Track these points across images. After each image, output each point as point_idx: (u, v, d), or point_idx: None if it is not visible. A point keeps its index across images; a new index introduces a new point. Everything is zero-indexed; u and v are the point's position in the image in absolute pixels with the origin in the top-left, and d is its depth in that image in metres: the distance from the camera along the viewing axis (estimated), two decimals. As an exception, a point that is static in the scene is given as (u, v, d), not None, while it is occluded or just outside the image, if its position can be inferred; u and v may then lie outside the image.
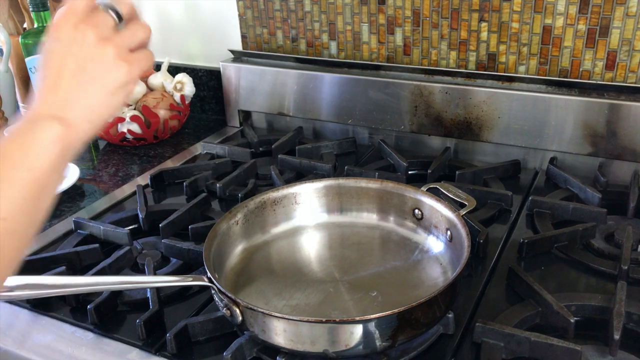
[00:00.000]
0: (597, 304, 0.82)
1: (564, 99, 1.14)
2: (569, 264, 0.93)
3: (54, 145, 0.61)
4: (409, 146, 1.36)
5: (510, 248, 0.98)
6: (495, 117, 1.20)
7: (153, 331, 0.84)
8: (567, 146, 1.17)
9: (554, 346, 0.73)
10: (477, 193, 1.08)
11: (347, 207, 1.02)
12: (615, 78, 1.14)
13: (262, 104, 1.47)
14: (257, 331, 0.75)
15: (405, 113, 1.29)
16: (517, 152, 1.23)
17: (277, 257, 0.96)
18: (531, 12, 1.16)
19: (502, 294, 0.88)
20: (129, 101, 1.44)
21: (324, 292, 0.85)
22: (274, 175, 1.20)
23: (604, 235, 0.99)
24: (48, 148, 0.61)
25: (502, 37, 1.21)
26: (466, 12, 1.22)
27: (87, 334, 0.86)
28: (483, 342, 0.77)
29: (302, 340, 0.72)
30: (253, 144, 1.39)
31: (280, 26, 1.44)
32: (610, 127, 1.12)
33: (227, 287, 0.85)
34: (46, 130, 0.62)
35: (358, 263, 0.92)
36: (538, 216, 1.04)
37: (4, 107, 1.53)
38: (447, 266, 0.89)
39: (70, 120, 0.63)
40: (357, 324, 0.71)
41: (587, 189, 1.08)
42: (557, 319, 0.78)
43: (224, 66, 1.48)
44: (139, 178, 1.30)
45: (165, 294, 0.90)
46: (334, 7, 1.35)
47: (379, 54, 1.35)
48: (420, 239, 0.96)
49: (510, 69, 1.23)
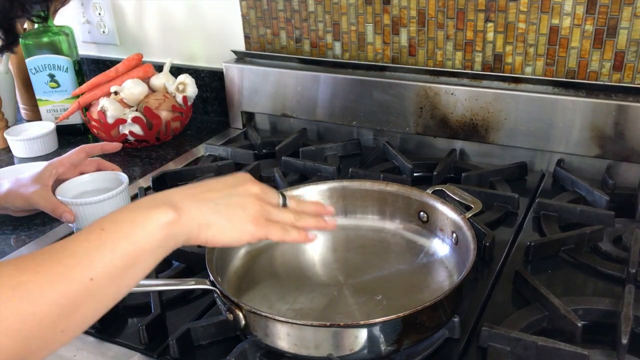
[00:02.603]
0: (605, 307, 0.81)
1: (571, 100, 1.13)
2: (576, 267, 0.93)
3: (162, 229, 0.64)
4: (414, 148, 1.35)
5: (516, 251, 0.97)
6: (502, 118, 1.20)
7: (155, 335, 0.83)
8: (574, 148, 1.16)
9: (561, 350, 0.72)
10: (483, 195, 1.07)
11: (352, 210, 1.02)
12: (623, 79, 1.13)
13: (265, 105, 1.46)
14: (261, 335, 0.74)
15: (411, 114, 1.28)
16: (524, 154, 1.22)
17: (281, 261, 0.96)
18: (538, 12, 1.15)
19: (508, 298, 0.87)
20: (132, 104, 1.44)
21: (328, 296, 0.85)
22: (277, 177, 1.20)
23: (612, 238, 0.98)
24: (156, 228, 0.64)
25: (509, 37, 1.20)
26: (472, 12, 1.21)
27: (88, 338, 0.85)
28: (489, 347, 0.76)
29: (306, 344, 0.72)
30: (256, 146, 1.39)
31: (284, 26, 1.43)
32: (618, 128, 1.11)
33: (230, 290, 0.84)
34: (160, 213, 0.65)
35: (362, 266, 0.92)
36: (545, 219, 1.03)
37: (4, 109, 1.53)
38: (453, 269, 0.89)
39: (184, 213, 0.67)
40: (362, 328, 0.71)
41: (595, 191, 1.07)
42: (564, 323, 0.78)
43: (226, 67, 1.48)
44: (140, 180, 1.30)
45: (167, 297, 0.90)
46: (338, 7, 1.34)
47: (384, 55, 1.34)
48: (426, 242, 0.96)
49: (517, 70, 1.22)
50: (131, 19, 1.67)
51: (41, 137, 1.44)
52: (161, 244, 0.65)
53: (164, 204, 0.66)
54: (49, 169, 1.08)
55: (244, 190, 0.74)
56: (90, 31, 1.74)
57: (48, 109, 1.53)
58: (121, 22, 1.69)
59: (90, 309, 0.59)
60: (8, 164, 1.40)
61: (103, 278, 0.59)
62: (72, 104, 1.47)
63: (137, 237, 0.62)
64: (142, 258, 0.63)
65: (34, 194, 1.04)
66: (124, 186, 1.04)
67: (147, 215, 0.64)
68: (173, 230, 0.65)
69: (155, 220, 0.64)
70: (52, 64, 1.49)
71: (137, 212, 0.65)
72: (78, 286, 0.57)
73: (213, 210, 0.70)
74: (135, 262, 0.62)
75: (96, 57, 1.77)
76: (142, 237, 0.63)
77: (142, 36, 1.67)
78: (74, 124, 1.55)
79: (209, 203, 0.70)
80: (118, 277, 0.61)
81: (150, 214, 0.64)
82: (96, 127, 1.40)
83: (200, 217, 0.68)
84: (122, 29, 1.70)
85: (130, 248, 0.62)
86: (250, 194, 0.74)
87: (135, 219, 0.64)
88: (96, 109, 1.41)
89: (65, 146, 1.48)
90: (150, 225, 0.64)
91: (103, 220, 0.63)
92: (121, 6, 1.66)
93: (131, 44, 1.70)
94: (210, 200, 0.70)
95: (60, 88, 1.51)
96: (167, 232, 0.65)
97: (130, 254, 0.61)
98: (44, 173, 1.07)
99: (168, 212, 0.65)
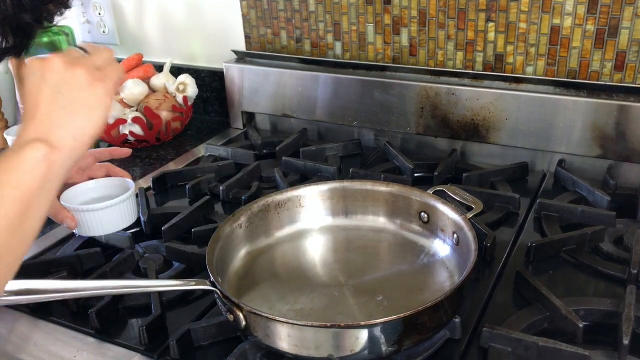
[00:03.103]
0: (606, 308, 0.81)
1: (572, 100, 1.13)
2: (578, 268, 0.92)
3: (40, 164, 0.64)
4: (415, 148, 1.35)
5: (518, 252, 0.97)
6: (503, 118, 1.19)
7: (155, 336, 0.83)
8: (575, 148, 1.15)
9: (563, 351, 0.72)
10: (484, 196, 1.07)
11: (353, 210, 1.01)
12: (625, 79, 1.13)
13: (266, 106, 1.46)
14: (261, 336, 0.74)
15: (412, 115, 1.28)
16: (525, 155, 1.22)
17: (282, 261, 0.95)
18: (539, 12, 1.15)
19: (509, 299, 0.87)
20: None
21: (329, 297, 0.85)
22: (278, 178, 1.19)
23: (613, 238, 0.98)
24: (34, 166, 0.64)
25: (510, 37, 1.20)
26: (473, 12, 1.21)
27: (88, 339, 0.85)
28: (490, 347, 0.76)
29: (307, 345, 0.72)
30: (257, 146, 1.38)
31: (285, 26, 1.43)
32: (620, 129, 1.10)
33: (231, 291, 0.84)
34: (31, 151, 0.65)
35: (363, 267, 0.91)
36: (546, 219, 1.03)
37: (4, 109, 1.53)
38: (454, 270, 0.89)
39: (54, 141, 0.67)
40: (363, 329, 0.70)
41: (596, 191, 1.07)
42: (566, 323, 0.78)
43: (227, 67, 1.48)
44: (141, 181, 1.29)
45: (167, 298, 0.89)
46: (339, 7, 1.34)
47: (385, 55, 1.34)
48: (427, 243, 0.95)
49: (518, 70, 1.22)
50: (131, 19, 1.67)
51: (41, 137, 1.43)
52: (46, 176, 0.65)
53: (31, 141, 0.65)
54: None
55: (59, 73, 0.70)
56: (91, 31, 1.74)
57: (48, 109, 1.53)
58: (121, 22, 1.69)
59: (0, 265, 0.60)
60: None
61: (2, 232, 0.60)
62: (72, 104, 1.47)
63: (18, 181, 0.63)
64: (34, 200, 0.63)
65: None
66: (129, 193, 1.02)
67: (20, 158, 0.64)
68: (52, 160, 0.65)
69: (30, 159, 0.64)
70: (53, 64, 1.48)
71: (9, 158, 0.64)
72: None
73: (70, 118, 0.69)
74: (28, 206, 0.62)
75: (96, 57, 1.77)
76: (23, 179, 0.63)
77: (143, 36, 1.67)
78: (74, 124, 1.54)
79: (60, 114, 0.69)
80: (18, 226, 0.61)
81: (23, 156, 0.64)
82: (96, 128, 1.40)
83: (69, 133, 0.68)
84: (123, 29, 1.70)
85: (17, 194, 0.62)
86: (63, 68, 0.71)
87: (9, 165, 0.63)
88: (96, 109, 1.40)
89: (65, 146, 1.48)
90: (26, 165, 0.64)
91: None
92: (121, 6, 1.66)
93: (131, 44, 1.70)
94: (58, 110, 0.69)
95: (61, 88, 1.51)
96: (47, 164, 0.65)
97: (19, 201, 0.62)
98: None
99: (38, 147, 0.65)
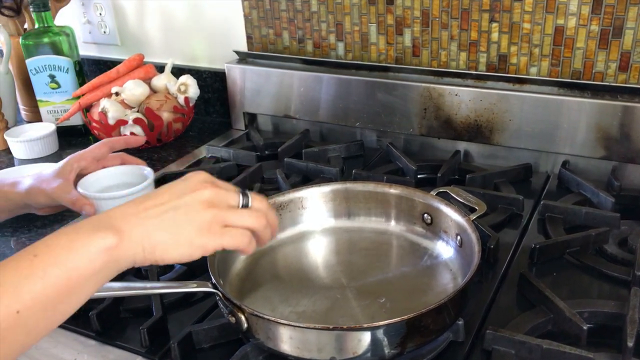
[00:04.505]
0: (610, 310, 0.81)
1: (576, 101, 1.12)
2: (582, 270, 0.92)
3: (101, 254, 0.61)
4: (418, 149, 1.34)
5: (521, 253, 0.97)
6: (506, 119, 1.19)
7: (156, 338, 0.83)
8: (579, 149, 1.15)
9: (566, 354, 0.72)
10: (487, 197, 1.06)
11: (355, 212, 1.01)
12: (629, 80, 1.13)
13: (267, 106, 1.46)
14: (263, 338, 0.74)
15: (414, 115, 1.28)
16: (529, 156, 1.21)
17: (283, 263, 0.95)
18: (543, 13, 1.15)
19: (513, 301, 0.87)
20: (134, 105, 1.43)
21: (331, 299, 0.84)
22: (280, 179, 1.19)
23: (617, 240, 0.98)
24: (95, 255, 0.60)
25: (513, 37, 1.19)
26: (476, 12, 1.20)
27: (89, 341, 0.85)
28: (494, 350, 0.76)
29: (309, 347, 0.71)
30: (258, 147, 1.38)
31: (287, 27, 1.42)
32: (624, 129, 1.10)
33: (232, 293, 0.84)
34: (100, 238, 0.61)
35: (366, 269, 0.91)
36: (550, 221, 1.03)
37: (4, 109, 1.53)
38: (457, 272, 0.88)
39: (126, 235, 0.63)
40: (365, 331, 0.70)
41: (600, 193, 1.06)
42: (570, 326, 0.77)
43: (228, 68, 1.47)
44: (142, 181, 1.28)
45: (168, 300, 0.89)
46: (341, 7, 1.33)
47: (387, 55, 1.33)
48: (430, 244, 0.95)
49: (522, 71, 1.21)
50: (132, 19, 1.66)
51: (42, 138, 1.43)
52: (101, 270, 0.61)
53: (104, 228, 0.62)
54: (69, 163, 1.03)
55: (192, 198, 0.67)
56: (91, 31, 1.74)
57: (48, 110, 1.53)
58: (122, 22, 1.68)
59: (17, 341, 0.56)
60: (8, 165, 1.39)
61: (31, 309, 0.56)
62: (72, 105, 1.47)
63: (72, 264, 0.58)
64: (79, 286, 0.59)
65: (56, 189, 0.99)
66: (149, 181, 0.99)
67: (85, 241, 0.60)
68: (114, 255, 0.61)
69: (93, 246, 0.60)
70: (53, 65, 1.48)
71: (74, 236, 0.60)
72: (2, 318, 0.54)
73: (156, 228, 0.65)
74: (70, 290, 0.58)
75: (97, 57, 1.77)
76: (78, 264, 0.59)
77: (144, 36, 1.67)
78: (74, 125, 1.54)
79: (153, 220, 0.65)
80: (50, 307, 0.57)
81: (88, 239, 0.60)
82: (97, 129, 1.40)
83: (143, 238, 0.64)
84: (123, 29, 1.69)
85: (64, 276, 0.58)
86: (199, 201, 0.67)
87: (72, 244, 0.59)
88: (97, 110, 1.40)
89: (65, 147, 1.48)
90: (87, 251, 0.59)
91: (37, 245, 0.59)
92: (122, 6, 1.66)
93: (132, 44, 1.69)
94: (154, 216, 0.65)
95: (61, 89, 1.51)
96: (108, 257, 0.61)
97: (64, 283, 0.58)
98: (65, 167, 1.03)
99: (108, 236, 0.61)
